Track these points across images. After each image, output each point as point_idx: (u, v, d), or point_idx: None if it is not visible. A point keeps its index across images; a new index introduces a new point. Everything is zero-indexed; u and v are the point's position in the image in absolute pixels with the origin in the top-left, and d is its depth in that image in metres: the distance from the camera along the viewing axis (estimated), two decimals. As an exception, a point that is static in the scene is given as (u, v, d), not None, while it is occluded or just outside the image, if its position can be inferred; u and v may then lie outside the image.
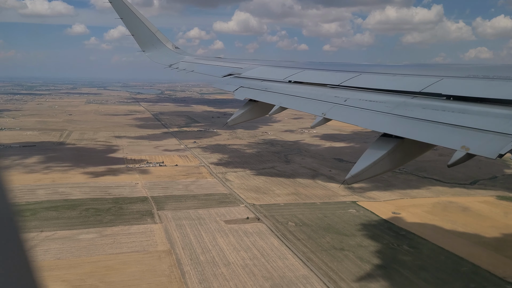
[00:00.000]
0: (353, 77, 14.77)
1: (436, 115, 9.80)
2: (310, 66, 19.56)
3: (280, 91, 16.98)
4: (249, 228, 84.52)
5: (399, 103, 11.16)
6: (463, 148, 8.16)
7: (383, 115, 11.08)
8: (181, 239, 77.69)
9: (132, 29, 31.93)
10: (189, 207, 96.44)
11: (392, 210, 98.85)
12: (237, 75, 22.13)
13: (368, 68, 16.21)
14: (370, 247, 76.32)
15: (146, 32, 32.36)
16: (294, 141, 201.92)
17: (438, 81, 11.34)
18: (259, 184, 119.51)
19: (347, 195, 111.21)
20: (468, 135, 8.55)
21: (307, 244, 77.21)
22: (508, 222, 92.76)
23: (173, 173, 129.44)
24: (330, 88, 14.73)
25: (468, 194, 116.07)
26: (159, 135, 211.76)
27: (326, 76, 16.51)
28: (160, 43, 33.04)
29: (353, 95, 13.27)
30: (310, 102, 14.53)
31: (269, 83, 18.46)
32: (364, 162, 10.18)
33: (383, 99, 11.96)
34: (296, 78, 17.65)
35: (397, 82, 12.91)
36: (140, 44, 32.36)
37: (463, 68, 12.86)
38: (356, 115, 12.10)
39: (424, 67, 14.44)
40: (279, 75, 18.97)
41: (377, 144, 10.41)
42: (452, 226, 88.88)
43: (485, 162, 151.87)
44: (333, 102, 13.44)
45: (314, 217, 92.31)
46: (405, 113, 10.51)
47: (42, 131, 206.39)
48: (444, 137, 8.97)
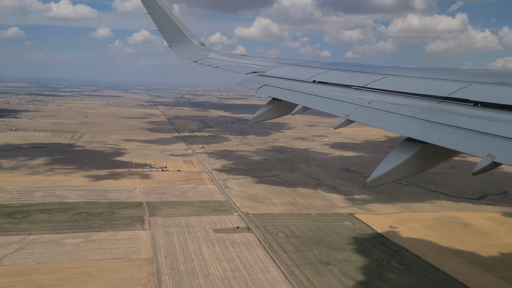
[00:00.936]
0: (379, 79, 14.53)
1: (462, 121, 9.57)
2: (335, 67, 19.35)
3: (303, 90, 16.82)
4: (237, 238, 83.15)
5: (424, 108, 10.97)
6: (489, 156, 7.93)
7: (408, 119, 10.84)
8: (166, 247, 76.86)
9: (160, 24, 32.17)
10: (181, 214, 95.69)
11: (390, 224, 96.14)
12: (261, 73, 21.95)
13: (394, 71, 15.80)
14: (358, 263, 74.05)
15: (173, 28, 32.61)
16: (304, 149, 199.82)
17: (466, 87, 11.06)
18: (258, 193, 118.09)
19: (346, 206, 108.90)
20: (495, 143, 8.29)
21: (293, 257, 75.41)
22: (509, 241, 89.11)
23: (174, 179, 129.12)
24: (354, 90, 14.56)
25: (473, 209, 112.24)
26: (169, 139, 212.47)
27: (351, 77, 16.37)
28: (186, 39, 33.17)
29: (378, 97, 13.06)
30: (334, 103, 14.30)
31: (293, 82, 18.36)
32: (386, 166, 9.85)
33: (409, 103, 11.70)
34: (320, 78, 17.50)
35: (423, 86, 12.73)
36: (167, 39, 32.55)
37: (492, 74, 12.48)
38: (380, 118, 11.80)
39: (452, 71, 14.05)
40: (303, 74, 18.79)
41: (400, 148, 10.15)
42: (449, 243, 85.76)
43: (497, 176, 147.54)
44: (357, 104, 13.20)
45: (307, 228, 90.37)
46: (430, 118, 10.33)
47: (54, 133, 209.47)
48: (470, 144, 8.74)
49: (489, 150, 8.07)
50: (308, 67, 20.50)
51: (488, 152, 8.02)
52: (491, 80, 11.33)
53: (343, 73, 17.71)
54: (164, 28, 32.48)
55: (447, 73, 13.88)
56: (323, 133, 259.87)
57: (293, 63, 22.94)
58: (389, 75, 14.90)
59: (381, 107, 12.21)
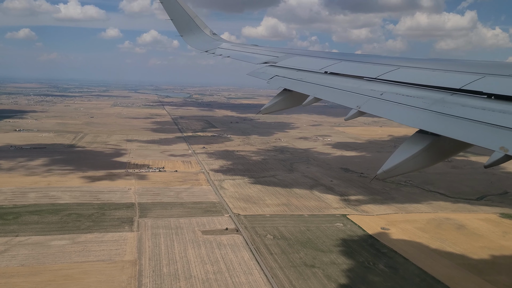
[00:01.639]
0: (391, 71, 14.37)
1: (475, 113, 9.46)
2: (347, 58, 19.03)
3: (315, 81, 16.75)
4: (225, 239, 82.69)
5: (437, 100, 10.86)
6: (502, 149, 7.90)
7: (420, 111, 10.74)
8: (151, 249, 76.66)
9: (172, 14, 32.22)
10: (172, 215, 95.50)
11: (382, 226, 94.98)
12: (273, 63, 21.78)
13: (406, 62, 15.67)
14: (343, 265, 73.15)
15: (184, 17, 32.68)
16: (305, 149, 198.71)
17: (479, 79, 10.91)
18: (252, 193, 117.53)
19: (340, 207, 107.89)
20: (509, 136, 8.24)
21: (278, 259, 74.74)
22: (503, 243, 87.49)
23: (170, 179, 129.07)
24: (366, 81, 14.45)
25: (470, 210, 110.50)
26: (171, 139, 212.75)
27: (363, 68, 16.16)
28: (198, 29, 33.25)
29: (390, 89, 12.96)
30: (345, 94, 14.22)
31: (305, 73, 18.24)
32: (398, 158, 9.82)
33: (421, 95, 11.60)
34: (332, 69, 17.36)
35: (436, 77, 12.55)
36: (179, 28, 32.64)
37: (507, 66, 12.17)
38: (392, 110, 11.73)
39: (465, 63, 13.71)
40: (315, 65, 18.62)
41: (412, 140, 10.09)
42: (440, 245, 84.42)
43: (499, 176, 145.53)
44: (368, 95, 13.16)
45: (297, 230, 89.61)
46: (443, 110, 10.22)
47: (58, 133, 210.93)
48: (483, 137, 8.69)
49: (502, 143, 8.02)
50: (320, 58, 20.53)
51: (501, 145, 7.97)
52: (505, 72, 11.14)
53: (355, 64, 17.58)
54: (176, 17, 32.60)
55: (460, 65, 13.59)
56: (327, 133, 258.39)
57: (305, 54, 22.74)
58: (401, 66, 14.74)
59: (393, 99, 12.14)
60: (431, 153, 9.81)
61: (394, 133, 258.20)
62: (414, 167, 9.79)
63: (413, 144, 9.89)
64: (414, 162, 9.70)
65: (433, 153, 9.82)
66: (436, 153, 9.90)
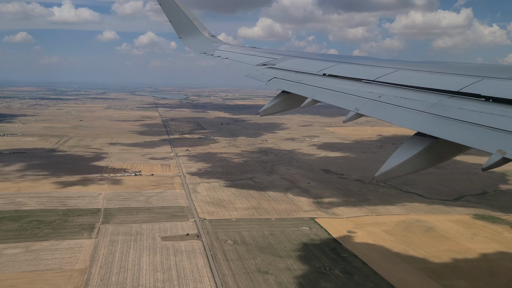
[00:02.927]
0: (389, 73, 14.42)
1: (473, 116, 9.51)
2: (345, 60, 19.09)
3: (313, 83, 16.78)
4: (183, 246, 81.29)
5: (435, 102, 10.92)
6: (500, 152, 7.95)
7: (418, 113, 10.83)
8: (105, 257, 75.31)
9: (170, 16, 32.23)
10: (135, 221, 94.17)
11: (349, 229, 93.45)
12: (271, 65, 21.82)
13: (404, 65, 15.67)
14: (298, 271, 71.63)
15: (183, 19, 32.63)
16: (290, 150, 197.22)
17: (477, 82, 11.01)
18: (224, 197, 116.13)
19: (310, 210, 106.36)
20: (506, 139, 8.26)
21: (233, 265, 73.30)
22: (470, 246, 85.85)
23: (144, 184, 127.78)
24: (364, 83, 14.51)
25: (444, 211, 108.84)
26: (156, 142, 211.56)
27: (361, 71, 16.27)
28: (196, 31, 33.28)
29: (388, 91, 13.03)
30: (344, 97, 14.27)
31: (303, 75, 18.31)
32: (395, 160, 9.86)
33: (419, 97, 11.66)
34: (330, 71, 17.40)
35: (434, 80, 12.61)
36: (177, 30, 32.71)
37: (505, 69, 12.29)
38: (390, 112, 11.81)
39: (463, 66, 13.84)
40: (313, 67, 18.66)
41: (410, 142, 10.14)
42: (404, 248, 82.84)
43: (480, 176, 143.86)
44: (367, 97, 13.20)
45: (260, 234, 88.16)
46: (441, 113, 10.28)
47: (42, 137, 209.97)
48: (480, 140, 8.70)
49: (499, 146, 8.05)
50: (318, 60, 20.41)
51: (498, 147, 8.01)
52: (503, 75, 11.15)
53: (353, 67, 17.52)
54: (175, 19, 32.54)
55: (458, 67, 13.68)
56: (316, 133, 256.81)
57: (303, 56, 22.78)
58: (399, 69, 14.75)
59: (391, 101, 12.20)
60: (429, 156, 9.84)
61: (384, 132, 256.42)
62: (412, 170, 9.87)
63: (411, 146, 9.92)
64: (412, 165, 9.76)
65: (431, 155, 9.86)
66: (434, 156, 9.93)
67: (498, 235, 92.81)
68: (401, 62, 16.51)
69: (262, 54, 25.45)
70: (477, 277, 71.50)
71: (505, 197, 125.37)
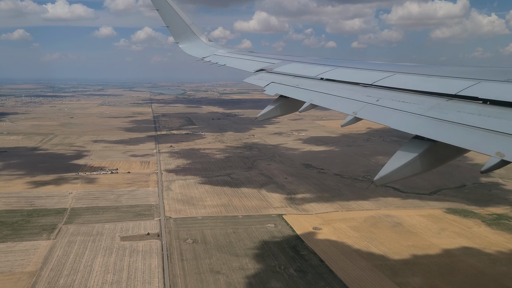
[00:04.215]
0: (387, 77, 14.44)
1: (471, 119, 9.54)
2: (343, 64, 19.10)
3: (311, 88, 16.79)
4: (141, 246, 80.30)
5: (433, 105, 10.95)
6: (498, 154, 7.99)
7: (416, 116, 10.83)
8: (58, 259, 74.37)
9: (167, 21, 32.31)
10: (99, 221, 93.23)
11: (316, 225, 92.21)
12: (269, 70, 21.89)
13: (402, 68, 15.75)
14: (251, 270, 70.53)
15: (180, 24, 32.75)
16: (275, 145, 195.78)
17: (475, 84, 10.98)
18: (196, 194, 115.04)
19: (280, 207, 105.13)
20: (504, 141, 8.33)
21: (186, 265, 72.25)
22: (434, 241, 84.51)
23: (118, 182, 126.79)
24: (362, 87, 14.51)
25: (417, 206, 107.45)
26: (142, 138, 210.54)
27: (359, 74, 16.17)
28: (194, 36, 33.41)
29: (386, 95, 13.02)
30: (342, 101, 14.28)
31: (301, 80, 18.32)
32: (394, 164, 9.85)
33: (417, 100, 11.69)
34: (328, 75, 17.38)
35: (432, 83, 12.53)
36: (175, 35, 32.80)
37: (502, 72, 12.35)
38: (388, 116, 11.81)
39: (461, 69, 13.77)
40: (311, 72, 18.66)
41: (408, 146, 10.11)
42: (366, 245, 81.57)
43: (462, 168, 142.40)
44: (365, 101, 13.24)
45: (222, 233, 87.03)
46: (439, 116, 10.28)
47: (27, 136, 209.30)
48: (479, 142, 8.74)
49: (498, 148, 8.07)
50: (316, 64, 20.41)
51: (497, 150, 8.03)
52: (501, 78, 11.20)
53: (350, 71, 17.50)
54: (172, 24, 32.48)
55: (456, 70, 13.60)
56: (306, 127, 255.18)
57: (301, 60, 22.75)
58: (397, 72, 14.74)
59: (389, 105, 12.22)
60: (428, 159, 9.82)
61: (374, 125, 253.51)
62: (411, 173, 9.87)
63: (409, 150, 9.88)
64: (411, 168, 9.75)
65: (429, 158, 9.83)
66: (432, 159, 9.92)
67: (466, 229, 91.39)
68: (398, 66, 16.68)
69: (260, 59, 25.50)
70: (434, 274, 70.18)
71: (483, 190, 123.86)
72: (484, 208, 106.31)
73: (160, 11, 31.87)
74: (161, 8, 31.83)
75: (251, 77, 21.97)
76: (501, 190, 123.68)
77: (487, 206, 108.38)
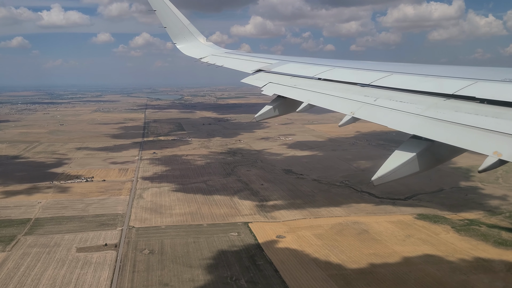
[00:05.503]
0: (384, 77, 14.49)
1: (468, 118, 9.61)
2: (340, 64, 19.12)
3: (309, 88, 16.85)
4: (96, 257, 78.87)
5: (430, 105, 11.04)
6: (495, 154, 8.01)
7: (414, 116, 10.94)
8: (7, 272, 72.99)
9: (165, 21, 32.44)
10: (60, 231, 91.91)
11: (280, 233, 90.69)
12: (267, 70, 21.87)
13: (400, 68, 15.85)
14: (201, 282, 69.06)
15: (178, 25, 32.82)
16: (259, 150, 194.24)
17: (472, 84, 11.03)
18: (167, 202, 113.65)
19: (249, 214, 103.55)
20: (502, 141, 8.37)
21: (136, 278, 70.80)
22: (397, 249, 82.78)
23: (90, 190, 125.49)
24: (360, 87, 14.54)
25: (389, 212, 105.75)
26: (126, 145, 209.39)
27: (357, 74, 16.14)
28: (191, 36, 33.46)
29: (384, 95, 13.09)
30: (339, 101, 14.38)
31: (298, 80, 18.35)
32: (392, 164, 9.91)
33: (414, 100, 11.73)
34: (326, 75, 17.39)
35: (429, 83, 12.56)
36: (172, 36, 32.92)
37: (499, 71, 12.52)
38: (386, 115, 11.92)
39: (458, 69, 13.79)
40: (309, 72, 18.66)
41: (406, 145, 10.20)
42: (325, 254, 79.90)
43: (443, 172, 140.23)
44: (362, 101, 13.30)
45: (182, 242, 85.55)
46: (436, 115, 10.37)
47: (11, 144, 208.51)
48: (476, 142, 8.81)
49: (495, 148, 8.14)
50: (313, 64, 20.45)
51: (494, 149, 8.10)
52: (497, 78, 11.29)
53: (348, 71, 17.47)
54: (170, 25, 32.64)
55: (453, 70, 13.68)
56: (294, 132, 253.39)
57: (298, 61, 22.78)
58: (394, 72, 14.78)
59: (386, 105, 12.29)
60: (425, 159, 9.88)
61: (363, 129, 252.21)
62: (408, 172, 9.91)
63: (407, 150, 9.94)
64: (408, 168, 9.81)
65: (427, 158, 9.90)
66: (430, 159, 9.99)
67: (433, 236, 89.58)
68: (396, 65, 16.71)
69: (258, 59, 25.39)
70: (388, 284, 68.52)
71: (460, 194, 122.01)
72: (457, 214, 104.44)
73: (157, 12, 32.03)
74: (159, 8, 32.00)
75: (248, 77, 21.99)
76: (478, 194, 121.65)
77: (460, 211, 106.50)
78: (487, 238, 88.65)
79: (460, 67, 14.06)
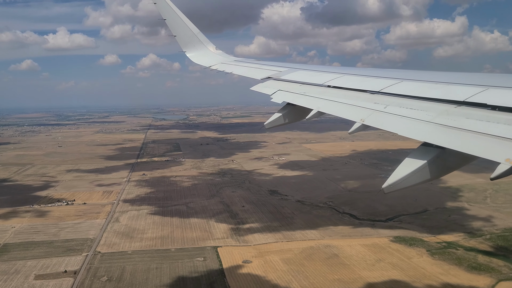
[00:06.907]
0: (394, 84, 14.40)
1: (480, 125, 9.42)
2: (350, 72, 18.98)
3: (318, 95, 16.77)
4: (52, 285, 77.29)
5: (441, 112, 10.91)
6: (508, 161, 7.78)
7: (424, 123, 10.80)
8: (-42, 300, 71.65)
9: (175, 30, 32.72)
10: (25, 257, 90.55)
11: (248, 258, 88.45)
12: (276, 78, 21.76)
13: (409, 75, 15.62)
14: (150, 312, 66.81)
15: (188, 33, 33.06)
16: (250, 171, 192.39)
17: (483, 91, 10.92)
18: (141, 226, 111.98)
19: (221, 238, 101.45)
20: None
21: (86, 306, 68.87)
22: (364, 274, 80.00)
23: (69, 214, 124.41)
24: (370, 94, 14.45)
25: (365, 234, 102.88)
26: (118, 166, 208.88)
27: (367, 82, 16.01)
28: (201, 44, 33.61)
29: (394, 102, 12.98)
30: (349, 108, 14.23)
31: (308, 87, 18.29)
32: (402, 171, 9.66)
33: (425, 107, 11.59)
34: (335, 83, 17.30)
35: (440, 90, 12.44)
36: (182, 44, 33.07)
37: (510, 78, 12.56)
38: (396, 123, 11.82)
39: (468, 76, 13.56)
40: (318, 79, 18.57)
41: (417, 153, 10.04)
42: (288, 280, 77.38)
43: (431, 192, 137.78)
44: (372, 108, 13.18)
45: (144, 268, 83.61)
46: (447, 122, 10.25)
47: (4, 166, 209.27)
48: (488, 149, 8.63)
49: (508, 155, 8.00)
50: (323, 72, 20.25)
51: (506, 157, 7.95)
52: (509, 84, 11.18)
53: (357, 78, 17.34)
54: (180, 33, 32.92)
55: (463, 77, 13.46)
56: (289, 151, 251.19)
57: (308, 68, 22.70)
58: (404, 79, 14.66)
59: (397, 112, 12.19)
60: (436, 166, 9.77)
61: (359, 148, 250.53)
62: (418, 180, 9.72)
63: (418, 157, 9.84)
64: (419, 175, 9.65)
65: (438, 166, 9.80)
66: (441, 166, 9.89)
67: (405, 260, 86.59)
68: (406, 72, 16.50)
69: (267, 67, 25.14)
70: (345, 313, 65.66)
71: (443, 215, 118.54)
72: (436, 236, 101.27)
73: (167, 21, 32.05)
74: (169, 17, 32.06)
75: (258, 85, 21.80)
76: (462, 215, 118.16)
77: (440, 233, 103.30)
78: (462, 262, 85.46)
79: (471, 74, 14.00)
